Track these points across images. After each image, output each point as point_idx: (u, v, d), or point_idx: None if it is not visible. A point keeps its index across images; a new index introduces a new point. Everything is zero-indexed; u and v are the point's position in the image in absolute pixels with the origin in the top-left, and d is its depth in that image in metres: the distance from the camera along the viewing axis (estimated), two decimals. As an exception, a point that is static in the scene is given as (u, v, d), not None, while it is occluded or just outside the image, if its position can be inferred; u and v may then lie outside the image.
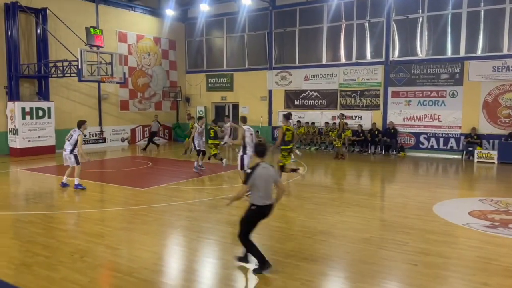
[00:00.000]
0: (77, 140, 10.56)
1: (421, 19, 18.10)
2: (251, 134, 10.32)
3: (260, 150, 5.71)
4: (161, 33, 23.75)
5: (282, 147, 10.70)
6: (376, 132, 18.77)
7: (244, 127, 10.39)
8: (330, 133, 18.93)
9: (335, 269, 5.78)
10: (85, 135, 12.80)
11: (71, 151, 10.64)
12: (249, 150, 10.03)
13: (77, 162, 10.68)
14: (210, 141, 13.40)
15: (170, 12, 22.58)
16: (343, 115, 17.57)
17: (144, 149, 19.63)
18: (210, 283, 5.32)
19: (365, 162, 16.56)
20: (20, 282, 5.07)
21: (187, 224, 7.77)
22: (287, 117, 11.14)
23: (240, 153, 10.32)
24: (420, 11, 18.05)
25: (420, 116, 18.26)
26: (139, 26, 22.58)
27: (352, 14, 19.65)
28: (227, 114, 23.17)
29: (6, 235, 7.04)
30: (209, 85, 24.58)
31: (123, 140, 21.85)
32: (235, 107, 23.69)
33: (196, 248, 6.52)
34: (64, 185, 10.82)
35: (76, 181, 10.61)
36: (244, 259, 5.76)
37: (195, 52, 25.31)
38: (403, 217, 8.24)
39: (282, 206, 9.25)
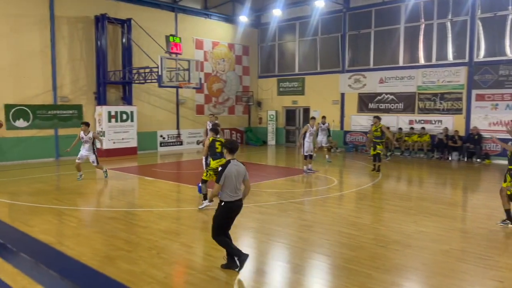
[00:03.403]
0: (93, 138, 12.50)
1: (511, 16, 16.70)
2: None
3: (231, 147, 5.73)
4: (235, 39, 24.38)
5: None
6: (457, 138, 17.63)
7: None
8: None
9: (410, 280, 5.52)
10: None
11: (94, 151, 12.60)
12: None
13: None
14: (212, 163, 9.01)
15: (244, 18, 23.11)
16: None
17: None
18: (280, 286, 5.34)
19: (445, 170, 15.61)
20: (104, 273, 5.45)
21: (257, 226, 7.87)
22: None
23: None
24: (510, 7, 16.66)
25: (508, 121, 16.82)
26: (215, 33, 23.38)
27: (432, 13, 18.68)
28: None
29: (92, 229, 7.64)
30: (280, 89, 24.73)
31: (198, 143, 22.68)
32: (306, 111, 23.58)
33: (266, 251, 6.58)
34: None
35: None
36: (230, 264, 5.54)
37: (267, 57, 25.63)
38: (487, 229, 7.64)
39: (354, 213, 9.04)
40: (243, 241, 7.24)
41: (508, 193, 7.74)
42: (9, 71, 15.92)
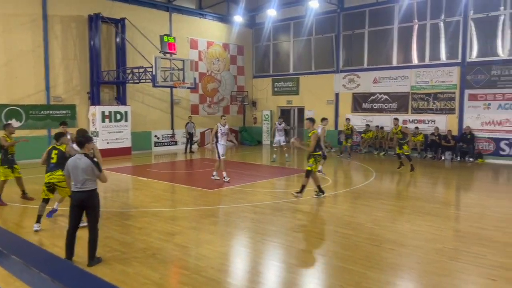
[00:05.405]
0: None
1: (503, 17, 16.83)
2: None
3: (78, 141, 6.10)
4: (230, 39, 24.37)
5: None
6: (450, 137, 17.74)
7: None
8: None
9: (404, 279, 5.54)
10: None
11: None
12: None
13: None
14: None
15: (238, 18, 23.10)
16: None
17: (192, 151, 20.15)
18: (275, 286, 5.34)
19: (439, 169, 15.70)
20: (98, 274, 5.43)
21: (252, 226, 7.87)
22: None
23: None
24: (502, 8, 16.80)
25: (500, 120, 16.95)
26: (209, 33, 23.35)
27: (425, 14, 18.78)
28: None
29: (85, 230, 7.57)
30: (275, 89, 24.76)
31: (193, 143, 22.65)
32: (301, 110, 23.61)
33: (260, 250, 6.58)
34: None
35: None
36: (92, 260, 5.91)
37: (262, 57, 25.65)
38: (480, 228, 7.70)
39: (349, 212, 9.06)
40: (238, 241, 7.24)
41: (309, 168, 9.79)
42: (1, 71, 15.79)
